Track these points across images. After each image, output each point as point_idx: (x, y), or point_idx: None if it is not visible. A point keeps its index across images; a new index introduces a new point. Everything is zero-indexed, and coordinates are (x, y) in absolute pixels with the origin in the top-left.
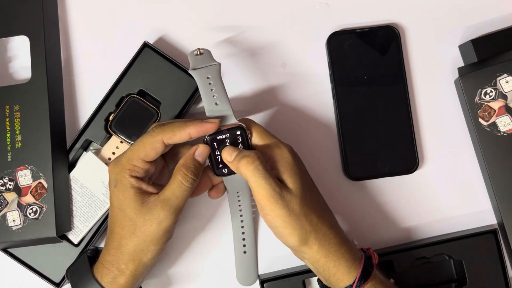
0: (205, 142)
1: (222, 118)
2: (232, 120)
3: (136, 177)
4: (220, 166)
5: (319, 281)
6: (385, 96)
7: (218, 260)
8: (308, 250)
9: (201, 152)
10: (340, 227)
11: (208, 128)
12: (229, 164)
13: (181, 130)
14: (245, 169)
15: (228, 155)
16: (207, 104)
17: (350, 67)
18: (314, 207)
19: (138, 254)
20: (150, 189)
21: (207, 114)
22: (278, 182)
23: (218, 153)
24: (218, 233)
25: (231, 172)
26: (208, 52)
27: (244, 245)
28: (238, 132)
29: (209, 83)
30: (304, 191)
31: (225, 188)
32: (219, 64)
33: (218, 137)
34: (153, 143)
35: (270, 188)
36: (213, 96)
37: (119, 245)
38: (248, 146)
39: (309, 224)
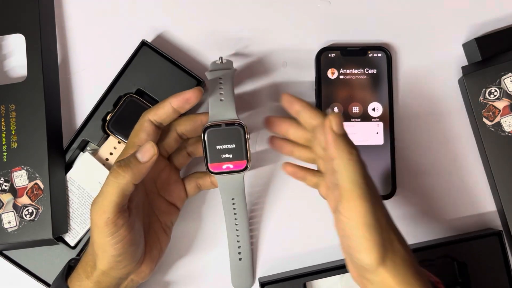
0: (203, 133)
1: (224, 114)
2: (233, 117)
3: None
4: (215, 162)
5: None
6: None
7: (212, 262)
8: (383, 272)
9: (143, 149)
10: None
11: (188, 96)
12: (326, 132)
13: (163, 103)
14: (346, 150)
15: (335, 125)
16: (212, 99)
17: (337, 84)
18: (391, 223)
19: (93, 257)
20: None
21: (210, 108)
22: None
23: (213, 148)
24: (212, 235)
25: (227, 172)
26: (230, 62)
27: (240, 253)
28: (237, 129)
29: (220, 82)
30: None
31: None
32: (235, 70)
33: (214, 130)
34: (141, 124)
35: (367, 188)
36: (220, 93)
37: (89, 246)
38: (245, 145)
39: (389, 242)
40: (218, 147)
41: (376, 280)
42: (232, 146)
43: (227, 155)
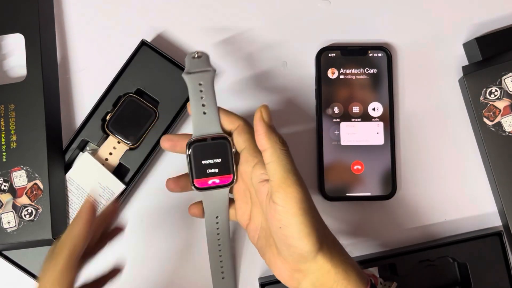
0: (187, 148)
1: (208, 128)
2: (218, 131)
3: None
4: (200, 178)
5: None
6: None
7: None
8: (321, 259)
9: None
10: None
11: (88, 209)
12: (256, 123)
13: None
14: (273, 142)
15: (266, 116)
16: (195, 112)
17: (337, 84)
18: (316, 210)
19: None
20: None
21: (193, 122)
22: None
23: (199, 163)
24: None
25: (212, 187)
26: (206, 56)
27: (222, 272)
28: (223, 143)
29: (200, 90)
30: None
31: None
32: (214, 71)
33: (200, 144)
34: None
35: (299, 176)
36: (202, 104)
37: None
38: (231, 158)
39: (322, 227)
40: (203, 162)
41: (313, 268)
42: (218, 160)
43: (213, 170)
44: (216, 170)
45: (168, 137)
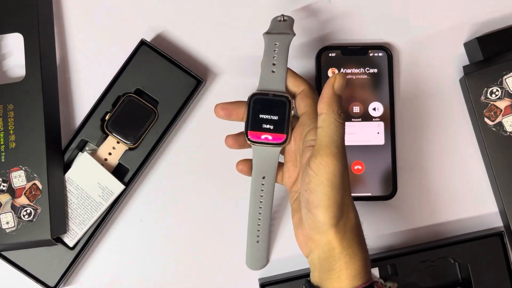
0: (249, 100)
1: (273, 85)
2: (281, 89)
3: None
4: (255, 130)
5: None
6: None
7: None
8: (332, 235)
9: None
10: None
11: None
12: (325, 86)
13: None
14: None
15: (338, 85)
16: (264, 69)
17: None
18: (351, 194)
19: None
20: None
21: (260, 78)
22: None
23: (256, 115)
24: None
25: (264, 143)
26: (291, 21)
27: (258, 235)
28: (283, 101)
29: (274, 50)
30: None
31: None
32: (293, 35)
33: (261, 98)
34: None
35: (343, 150)
36: (273, 63)
37: None
38: (288, 118)
39: (346, 207)
40: (261, 116)
41: (322, 242)
42: (275, 118)
43: (268, 126)
44: (271, 127)
45: (222, 106)
